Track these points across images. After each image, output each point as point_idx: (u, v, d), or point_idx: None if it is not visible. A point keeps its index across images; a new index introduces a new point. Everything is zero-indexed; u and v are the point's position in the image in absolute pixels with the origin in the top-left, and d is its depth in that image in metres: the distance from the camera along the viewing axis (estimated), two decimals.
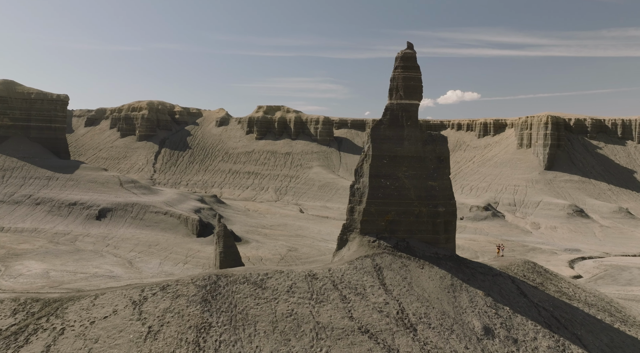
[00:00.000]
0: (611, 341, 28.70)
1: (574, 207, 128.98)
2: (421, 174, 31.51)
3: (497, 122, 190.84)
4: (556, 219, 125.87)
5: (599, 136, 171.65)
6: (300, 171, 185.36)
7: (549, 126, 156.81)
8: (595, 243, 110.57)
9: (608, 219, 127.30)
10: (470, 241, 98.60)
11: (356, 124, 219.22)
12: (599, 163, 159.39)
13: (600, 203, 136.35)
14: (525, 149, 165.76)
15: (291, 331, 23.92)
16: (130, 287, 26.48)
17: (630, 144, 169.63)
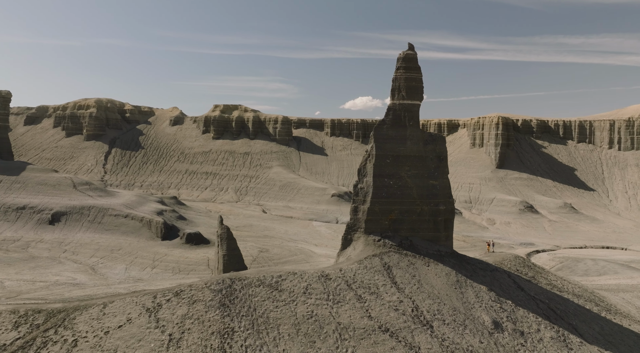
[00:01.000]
0: (602, 329, 30.70)
1: (524, 203, 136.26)
2: (423, 173, 32.22)
3: (451, 122, 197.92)
4: (509, 215, 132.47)
5: (544, 136, 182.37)
6: (260, 171, 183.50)
7: (500, 127, 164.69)
8: (545, 237, 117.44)
9: (555, 214, 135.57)
10: None
11: (315, 123, 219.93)
12: (544, 161, 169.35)
13: (548, 199, 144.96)
14: (478, 148, 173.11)
15: (314, 333, 23.73)
16: (139, 294, 25.20)
17: (570, 143, 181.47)
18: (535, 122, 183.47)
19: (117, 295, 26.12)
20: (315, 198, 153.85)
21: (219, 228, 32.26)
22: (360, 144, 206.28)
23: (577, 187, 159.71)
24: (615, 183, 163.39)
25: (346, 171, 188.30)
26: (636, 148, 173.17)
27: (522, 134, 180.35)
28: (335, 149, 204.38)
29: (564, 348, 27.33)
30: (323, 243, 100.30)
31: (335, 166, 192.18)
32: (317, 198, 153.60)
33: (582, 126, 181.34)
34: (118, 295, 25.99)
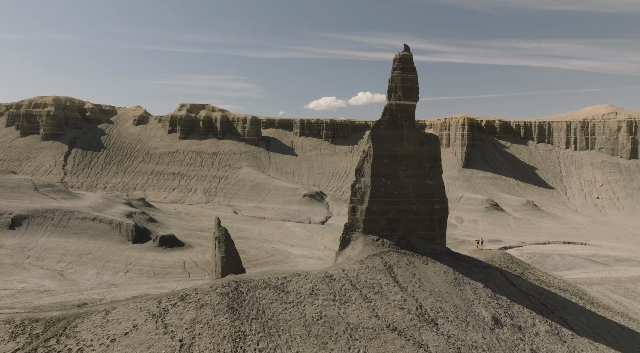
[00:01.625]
0: (589, 322, 32.13)
1: (490, 201, 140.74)
2: (419, 173, 32.68)
3: (418, 122, 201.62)
4: (476, 213, 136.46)
5: (506, 136, 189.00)
6: (229, 172, 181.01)
7: (466, 127, 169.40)
8: (511, 233, 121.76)
9: (519, 211, 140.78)
10: None
11: (284, 123, 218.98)
12: (507, 161, 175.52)
13: (512, 197, 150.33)
14: (445, 148, 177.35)
15: (326, 334, 23.62)
16: (142, 299, 24.30)
17: (531, 143, 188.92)
18: (498, 123, 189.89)
19: (117, 301, 25.07)
20: (287, 198, 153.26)
21: (216, 230, 31.56)
22: (330, 145, 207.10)
23: (538, 185, 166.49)
24: (573, 181, 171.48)
25: (316, 171, 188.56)
26: (590, 148, 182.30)
27: (485, 135, 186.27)
28: (304, 149, 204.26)
29: (559, 341, 28.41)
30: (298, 244, 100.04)
31: (305, 166, 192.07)
32: (289, 198, 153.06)
33: (542, 127, 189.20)
34: (118, 301, 24.96)
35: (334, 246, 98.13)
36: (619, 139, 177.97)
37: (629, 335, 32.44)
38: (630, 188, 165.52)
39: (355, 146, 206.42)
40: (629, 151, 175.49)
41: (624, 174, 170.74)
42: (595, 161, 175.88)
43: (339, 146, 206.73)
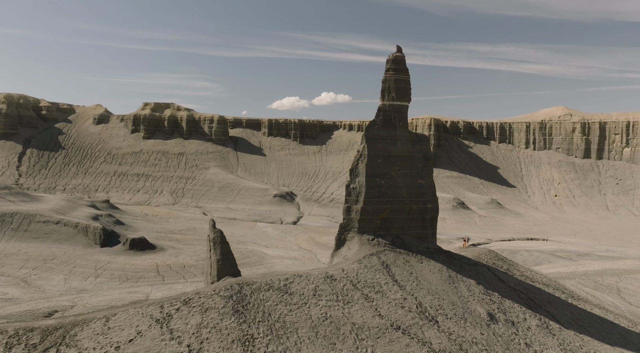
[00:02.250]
0: (572, 315, 33.57)
1: (457, 200, 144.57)
2: (412, 172, 33.15)
3: None
4: (444, 211, 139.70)
5: (469, 136, 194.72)
6: (197, 172, 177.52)
7: (432, 128, 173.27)
8: (478, 231, 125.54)
9: (484, 209, 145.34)
10: None
11: (251, 123, 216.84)
12: (471, 160, 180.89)
13: (476, 196, 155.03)
14: None
15: (333, 335, 23.57)
16: (142, 304, 23.43)
17: (493, 144, 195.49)
18: (462, 123, 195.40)
19: (116, 308, 24.05)
20: (257, 198, 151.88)
21: (211, 232, 30.84)
22: (299, 145, 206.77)
23: (500, 184, 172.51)
24: (532, 179, 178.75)
25: (285, 171, 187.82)
26: (548, 148, 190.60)
27: (450, 135, 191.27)
28: (273, 149, 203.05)
29: (549, 334, 29.53)
30: (273, 244, 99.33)
31: (274, 166, 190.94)
32: (259, 198, 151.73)
33: (503, 127, 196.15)
34: (117, 307, 23.96)
35: (308, 247, 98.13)
36: (573, 139, 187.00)
37: (608, 327, 34.14)
38: (585, 186, 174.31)
39: (324, 146, 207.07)
40: (582, 151, 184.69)
41: (578, 173, 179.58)
42: (552, 161, 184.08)
43: (307, 146, 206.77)
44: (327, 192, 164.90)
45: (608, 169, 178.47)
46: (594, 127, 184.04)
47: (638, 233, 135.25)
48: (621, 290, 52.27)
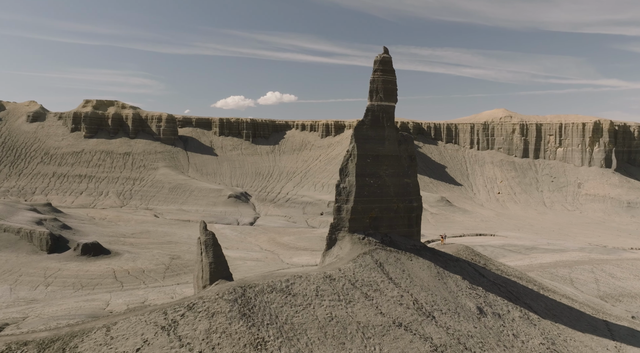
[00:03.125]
0: (546, 305, 35.66)
1: None
2: (399, 172, 33.78)
3: (337, 123, 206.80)
4: None
5: (419, 137, 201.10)
6: (145, 173, 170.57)
7: None
8: (431, 228, 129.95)
9: (435, 207, 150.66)
10: None
11: (202, 122, 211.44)
12: (421, 160, 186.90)
13: (427, 194, 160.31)
14: None
15: (341, 334, 23.57)
16: (142, 312, 22.24)
17: (440, 144, 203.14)
18: (412, 124, 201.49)
19: (115, 316, 22.62)
20: (211, 199, 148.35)
21: (202, 234, 29.74)
22: (251, 144, 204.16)
23: (448, 182, 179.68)
24: (477, 178, 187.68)
25: (238, 171, 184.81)
26: (491, 148, 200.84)
27: None
28: (225, 149, 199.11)
29: (530, 325, 31.19)
30: (233, 246, 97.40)
31: (226, 166, 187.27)
32: (213, 199, 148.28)
33: (449, 128, 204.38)
34: (115, 316, 22.56)
35: (269, 247, 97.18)
36: (513, 140, 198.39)
37: (577, 315, 36.61)
38: (524, 183, 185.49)
39: (277, 145, 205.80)
40: (521, 151, 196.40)
41: (518, 171, 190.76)
42: (495, 160, 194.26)
43: (260, 146, 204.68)
44: (283, 192, 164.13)
45: (544, 168, 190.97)
46: (531, 129, 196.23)
47: (572, 226, 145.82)
48: (574, 280, 56.18)
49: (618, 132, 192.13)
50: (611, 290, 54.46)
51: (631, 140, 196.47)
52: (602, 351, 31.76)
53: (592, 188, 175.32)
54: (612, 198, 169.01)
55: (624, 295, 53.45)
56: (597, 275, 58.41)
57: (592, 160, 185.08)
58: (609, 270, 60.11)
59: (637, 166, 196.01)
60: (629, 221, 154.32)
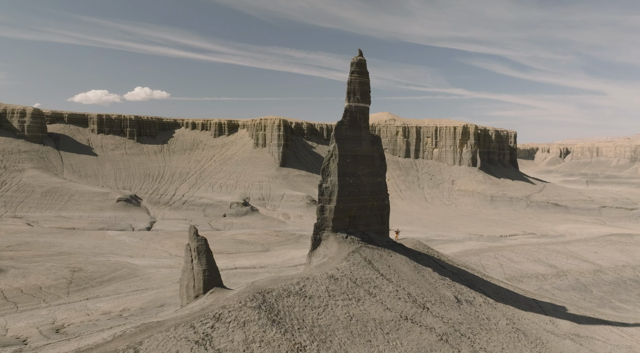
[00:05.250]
0: (494, 290, 39.86)
1: (309, 198, 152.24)
2: (373, 171, 34.86)
3: (231, 122, 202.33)
4: (299, 208, 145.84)
5: (312, 137, 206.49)
6: (7, 175, 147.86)
7: (281, 128, 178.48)
8: None
9: None
10: (250, 235, 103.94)
11: (76, 119, 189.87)
12: (316, 160, 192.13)
13: None
14: (261, 148, 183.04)
15: (364, 332, 23.82)
16: (164, 328, 19.85)
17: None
18: (305, 125, 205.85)
19: (135, 335, 19.70)
20: (96, 204, 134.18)
21: (193, 240, 27.06)
22: (136, 143, 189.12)
23: None
24: None
25: (124, 172, 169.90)
26: None
27: (295, 136, 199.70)
28: (106, 148, 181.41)
29: (492, 308, 34.70)
30: (137, 254, 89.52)
31: (109, 167, 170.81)
32: (99, 204, 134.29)
33: None
34: (133, 335, 19.69)
35: (179, 253, 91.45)
36: (397, 141, 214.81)
37: (514, 296, 41.60)
38: (408, 181, 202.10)
39: (165, 145, 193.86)
40: (404, 151, 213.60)
41: (402, 170, 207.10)
42: None
43: (147, 145, 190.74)
44: (178, 194, 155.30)
45: (423, 167, 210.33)
46: (412, 131, 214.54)
47: (451, 219, 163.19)
48: (484, 266, 63.35)
49: (480, 135, 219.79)
50: (513, 272, 62.67)
51: (490, 142, 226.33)
52: (543, 324, 36.68)
53: (463, 185, 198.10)
54: (479, 193, 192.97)
55: (523, 276, 61.93)
56: (500, 260, 66.69)
57: (462, 160, 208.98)
58: (507, 256, 69.02)
59: (494, 165, 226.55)
60: (494, 212, 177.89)
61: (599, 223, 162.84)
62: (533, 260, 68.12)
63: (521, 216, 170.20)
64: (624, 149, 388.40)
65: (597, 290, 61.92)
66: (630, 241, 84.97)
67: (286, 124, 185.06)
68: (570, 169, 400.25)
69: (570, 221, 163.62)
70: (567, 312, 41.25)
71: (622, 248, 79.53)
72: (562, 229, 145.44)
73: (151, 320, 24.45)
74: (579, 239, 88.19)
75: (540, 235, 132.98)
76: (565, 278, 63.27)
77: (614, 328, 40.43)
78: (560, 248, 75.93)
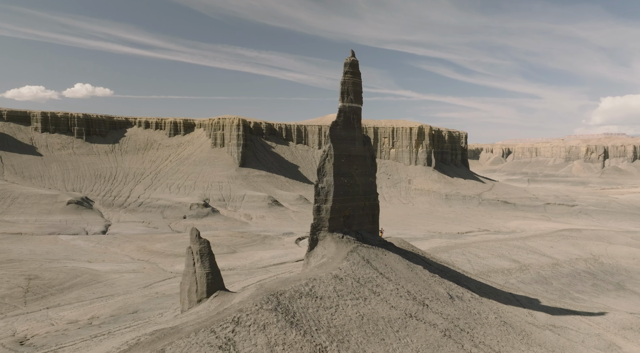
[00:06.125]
0: (476, 285, 41.28)
1: (271, 198, 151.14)
2: (365, 171, 35.12)
3: (187, 122, 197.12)
4: (261, 209, 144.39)
5: (271, 137, 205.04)
6: None
7: (241, 128, 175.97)
8: (297, 225, 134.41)
9: (295, 205, 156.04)
10: (215, 237, 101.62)
11: (17, 116, 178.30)
12: (275, 160, 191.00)
13: (286, 193, 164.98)
14: (220, 148, 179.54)
15: (377, 331, 23.98)
16: (183, 335, 19.04)
17: (291, 144, 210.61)
18: (264, 125, 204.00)
19: (151, 343, 18.69)
20: (44, 207, 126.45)
21: (195, 242, 25.95)
22: (85, 143, 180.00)
23: (302, 181, 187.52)
24: None
25: (72, 173, 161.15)
26: None
27: (254, 136, 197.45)
28: (52, 148, 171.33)
29: (480, 303, 35.92)
30: (95, 259, 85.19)
31: (56, 168, 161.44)
32: (47, 207, 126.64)
33: (299, 129, 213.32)
34: (153, 343, 18.70)
35: (142, 257, 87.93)
36: None
37: (494, 291, 43.32)
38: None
39: (116, 144, 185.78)
40: None
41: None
42: None
43: (96, 145, 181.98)
44: (133, 195, 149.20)
45: (381, 167, 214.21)
46: (370, 132, 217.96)
47: (410, 217, 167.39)
48: (454, 262, 65.50)
49: (434, 136, 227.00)
50: (481, 267, 65.20)
51: (443, 143, 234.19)
52: (523, 317, 38.46)
53: (419, 184, 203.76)
54: (434, 191, 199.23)
55: (490, 271, 64.59)
56: (468, 257, 69.18)
57: (418, 160, 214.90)
58: (474, 252, 71.72)
59: (447, 164, 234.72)
60: (449, 210, 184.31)
61: (544, 219, 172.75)
62: (497, 256, 71.21)
63: (474, 213, 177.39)
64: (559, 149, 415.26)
65: (556, 283, 65.62)
66: (580, 236, 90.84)
67: (245, 123, 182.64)
68: (513, 169, 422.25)
69: (519, 217, 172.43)
70: (541, 304, 43.46)
71: (574, 242, 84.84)
72: (513, 225, 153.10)
73: (156, 326, 23.37)
74: (535, 234, 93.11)
75: (494, 231, 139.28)
76: (528, 272, 66.59)
77: (582, 318, 43.01)
78: (520, 244, 79.88)
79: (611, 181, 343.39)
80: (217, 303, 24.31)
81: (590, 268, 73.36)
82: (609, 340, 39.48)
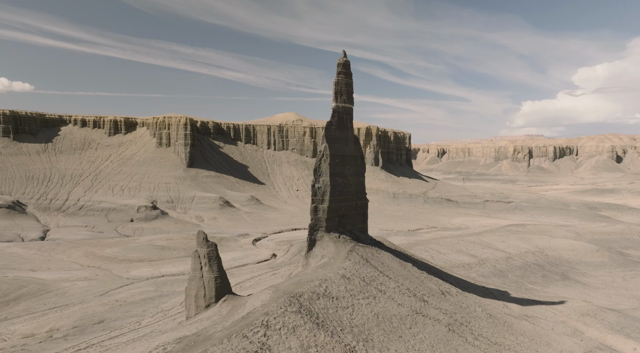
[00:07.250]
0: (456, 280, 42.76)
1: (222, 199, 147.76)
2: (357, 171, 35.28)
3: (128, 120, 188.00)
4: (213, 210, 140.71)
5: (219, 137, 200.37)
6: None
7: (188, 127, 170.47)
8: (250, 226, 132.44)
9: (246, 206, 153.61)
10: (169, 240, 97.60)
11: None
12: (224, 160, 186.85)
13: (237, 194, 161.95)
14: (165, 148, 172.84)
15: (393, 329, 24.22)
16: (216, 341, 18.16)
17: (240, 144, 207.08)
18: (212, 124, 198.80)
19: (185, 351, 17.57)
20: None
21: (202, 246, 24.52)
22: (13, 142, 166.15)
23: (252, 182, 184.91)
24: (277, 177, 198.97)
25: (0, 175, 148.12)
26: (286, 149, 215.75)
27: (201, 135, 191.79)
28: None
29: (465, 297, 37.28)
30: (40, 267, 78.82)
31: None
32: None
33: (248, 129, 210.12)
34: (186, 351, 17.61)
35: (92, 263, 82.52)
36: (305, 141, 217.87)
37: (470, 285, 45.14)
38: None
39: (50, 144, 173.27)
40: (312, 151, 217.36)
41: (310, 170, 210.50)
42: (290, 160, 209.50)
43: (26, 144, 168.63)
44: (72, 198, 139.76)
45: None
46: (319, 132, 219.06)
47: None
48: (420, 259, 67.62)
49: (381, 136, 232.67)
50: (443, 263, 67.70)
51: (389, 143, 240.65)
52: (501, 309, 40.47)
53: (368, 183, 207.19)
54: (382, 190, 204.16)
55: (453, 266, 67.23)
56: (431, 253, 71.61)
57: (366, 159, 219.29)
58: (435, 249, 74.36)
59: (393, 164, 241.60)
60: (397, 209, 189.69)
61: (485, 215, 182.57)
62: (457, 251, 74.35)
63: (421, 211, 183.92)
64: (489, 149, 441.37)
65: (511, 275, 69.61)
66: (525, 230, 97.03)
67: (192, 122, 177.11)
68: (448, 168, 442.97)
69: (462, 214, 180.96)
70: (511, 296, 45.93)
71: (521, 237, 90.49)
72: (457, 222, 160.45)
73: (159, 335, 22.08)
74: (487, 230, 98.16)
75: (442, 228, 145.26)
76: (485, 266, 70.08)
77: (547, 307, 45.96)
78: (475, 239, 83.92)
79: (536, 179, 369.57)
80: (229, 308, 23.39)
81: (538, 260, 78.54)
82: (573, 326, 42.42)
